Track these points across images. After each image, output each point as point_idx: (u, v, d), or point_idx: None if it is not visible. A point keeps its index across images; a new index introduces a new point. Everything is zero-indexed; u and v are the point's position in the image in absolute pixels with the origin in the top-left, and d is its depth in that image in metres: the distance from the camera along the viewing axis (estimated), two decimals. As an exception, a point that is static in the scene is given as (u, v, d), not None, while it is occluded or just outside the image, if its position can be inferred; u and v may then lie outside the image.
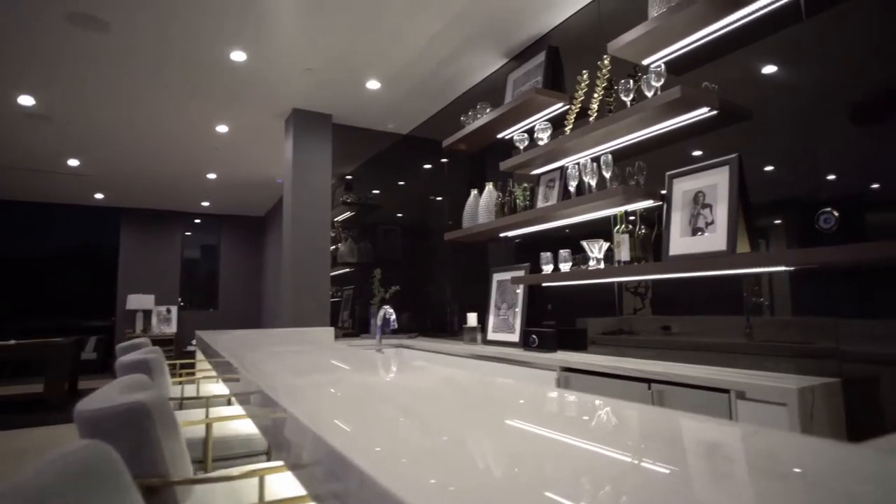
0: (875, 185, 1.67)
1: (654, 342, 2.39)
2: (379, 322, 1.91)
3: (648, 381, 1.97)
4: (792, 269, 1.86)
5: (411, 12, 2.94)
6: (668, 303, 2.38)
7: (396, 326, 1.85)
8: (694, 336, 2.25)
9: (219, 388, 2.41)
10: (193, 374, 2.96)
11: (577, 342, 2.77)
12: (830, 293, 1.80)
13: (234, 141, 5.21)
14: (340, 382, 1.28)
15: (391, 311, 1.87)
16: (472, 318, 3.38)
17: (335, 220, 6.25)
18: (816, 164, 1.81)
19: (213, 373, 2.54)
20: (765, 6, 1.93)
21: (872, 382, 1.68)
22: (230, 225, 9.77)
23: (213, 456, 1.53)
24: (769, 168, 1.97)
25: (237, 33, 3.15)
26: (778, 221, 1.99)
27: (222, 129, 4.81)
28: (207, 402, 1.81)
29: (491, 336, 3.31)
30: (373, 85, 3.88)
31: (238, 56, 3.41)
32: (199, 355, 3.05)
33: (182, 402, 2.15)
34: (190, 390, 2.38)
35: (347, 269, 5.91)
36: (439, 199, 4.36)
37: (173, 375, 2.43)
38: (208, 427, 1.42)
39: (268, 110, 4.41)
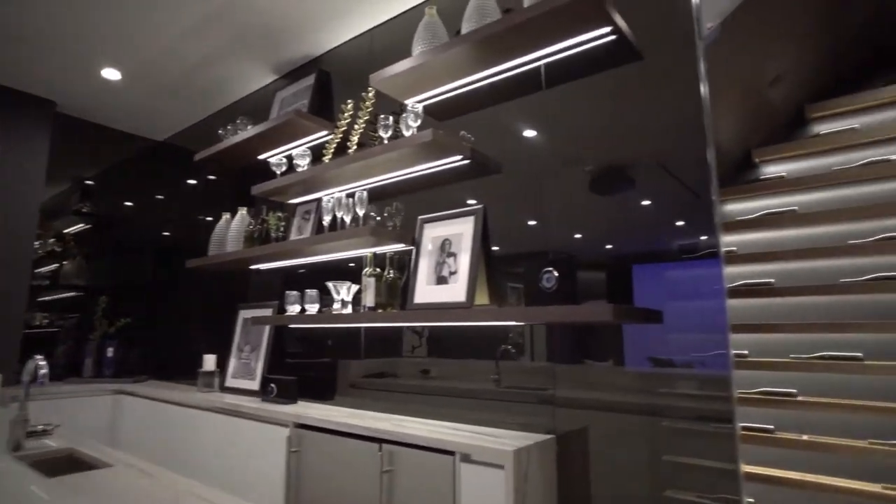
0: (609, 246, 1.80)
1: (411, 387, 2.27)
2: (25, 377, 1.38)
3: (378, 440, 1.79)
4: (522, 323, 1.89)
5: (157, -4, 2.47)
6: (443, 342, 2.28)
7: (45, 382, 1.35)
8: (450, 381, 2.18)
9: None
10: None
11: (325, 390, 2.52)
12: (570, 340, 1.88)
13: None
14: None
15: (43, 361, 1.37)
16: (209, 361, 2.89)
17: (65, 231, 5.08)
18: (560, 223, 1.89)
19: None
20: (516, 67, 2.00)
21: (582, 435, 1.76)
22: None
23: None
24: (532, 223, 2.00)
25: None
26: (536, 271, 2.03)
27: None
28: None
29: (230, 382, 2.85)
30: (111, 74, 3.20)
31: None
32: None
33: None
34: None
35: (74, 293, 4.79)
36: (209, 219, 3.74)
37: None
38: None
39: (-45, 79, 3.34)
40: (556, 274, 1.57)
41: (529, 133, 2.05)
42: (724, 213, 2.77)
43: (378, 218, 2.20)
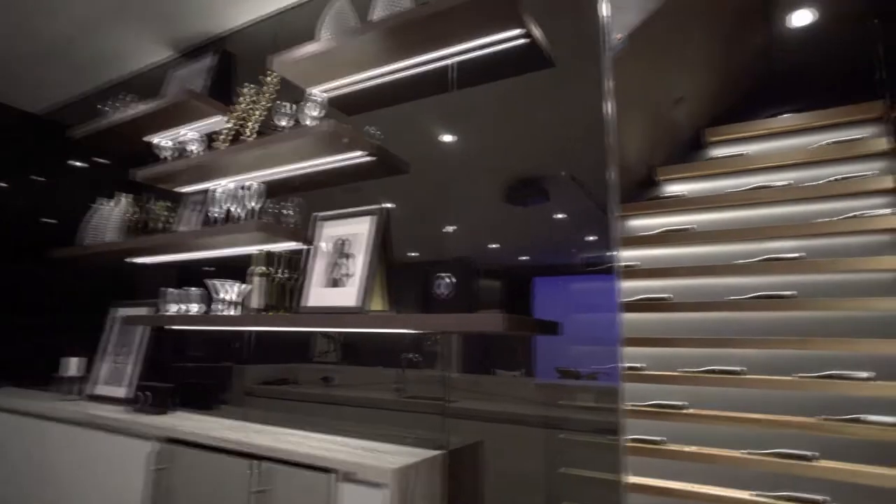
0: (525, 258, 1.75)
1: (310, 396, 2.12)
2: None
3: (255, 457, 1.62)
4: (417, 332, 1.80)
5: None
6: (355, 347, 2.13)
7: None
8: (353, 389, 2.06)
9: None
10: None
11: (210, 399, 2.30)
12: (481, 349, 1.81)
13: None
14: None
15: None
16: (71, 365, 2.56)
17: None
18: (476, 231, 1.83)
19: None
20: (426, 63, 1.91)
21: (476, 449, 1.69)
22: None
23: None
24: (450, 229, 1.89)
25: None
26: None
27: None
28: None
29: (98, 389, 2.54)
30: (-33, 29, 2.77)
31: None
32: None
33: None
34: None
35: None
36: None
37: None
38: None
39: None
40: (450, 281, 1.49)
41: (444, 136, 1.98)
42: (628, 228, 2.84)
43: (285, 214, 2.02)
